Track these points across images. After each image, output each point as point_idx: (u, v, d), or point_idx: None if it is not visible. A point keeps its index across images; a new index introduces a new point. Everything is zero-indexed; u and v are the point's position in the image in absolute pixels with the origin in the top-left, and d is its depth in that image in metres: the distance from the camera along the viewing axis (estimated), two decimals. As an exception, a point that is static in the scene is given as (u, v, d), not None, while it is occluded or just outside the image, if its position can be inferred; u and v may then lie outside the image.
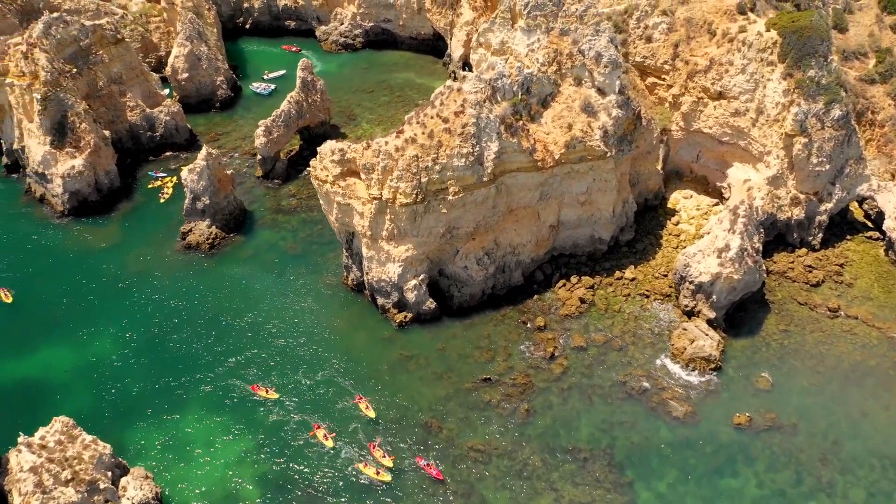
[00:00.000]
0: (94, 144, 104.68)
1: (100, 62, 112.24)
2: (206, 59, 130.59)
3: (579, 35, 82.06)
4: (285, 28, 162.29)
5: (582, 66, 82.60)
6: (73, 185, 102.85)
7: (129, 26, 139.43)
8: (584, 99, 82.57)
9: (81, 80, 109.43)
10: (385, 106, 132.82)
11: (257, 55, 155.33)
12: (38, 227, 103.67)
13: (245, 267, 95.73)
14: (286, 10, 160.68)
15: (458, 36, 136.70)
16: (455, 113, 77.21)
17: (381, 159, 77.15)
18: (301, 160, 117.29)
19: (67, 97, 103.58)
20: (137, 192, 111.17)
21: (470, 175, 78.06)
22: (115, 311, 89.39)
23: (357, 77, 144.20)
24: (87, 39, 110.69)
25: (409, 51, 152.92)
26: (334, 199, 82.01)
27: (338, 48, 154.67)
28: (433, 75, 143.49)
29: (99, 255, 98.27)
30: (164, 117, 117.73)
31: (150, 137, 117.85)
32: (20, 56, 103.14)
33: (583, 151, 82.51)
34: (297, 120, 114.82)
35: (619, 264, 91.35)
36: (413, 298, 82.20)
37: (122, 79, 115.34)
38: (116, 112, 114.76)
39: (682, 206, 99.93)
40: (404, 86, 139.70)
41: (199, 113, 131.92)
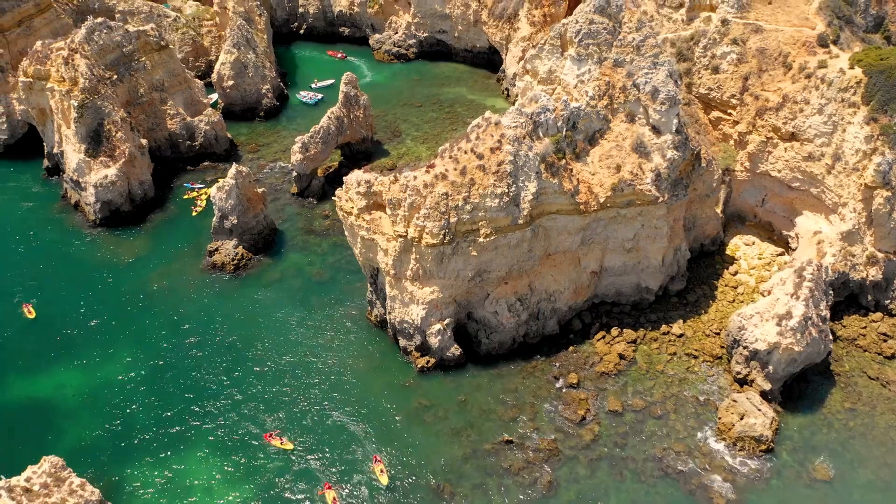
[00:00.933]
0: (129, 154, 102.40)
1: (142, 69, 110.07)
2: (252, 66, 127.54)
3: (635, 67, 74.45)
4: (339, 34, 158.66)
5: (636, 101, 75.00)
6: (106, 195, 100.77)
7: (180, 29, 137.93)
8: (636, 137, 74.96)
9: (122, 86, 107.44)
10: (432, 123, 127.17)
11: (308, 62, 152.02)
12: (69, 236, 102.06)
13: (268, 292, 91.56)
14: (341, 16, 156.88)
15: (514, 51, 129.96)
16: (491, 149, 70.81)
17: (408, 195, 71.44)
18: (339, 178, 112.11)
19: (105, 105, 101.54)
20: (171, 203, 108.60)
21: (504, 217, 71.57)
22: (132, 331, 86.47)
23: (407, 89, 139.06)
24: (130, 45, 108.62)
25: (463, 63, 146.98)
26: (358, 232, 76.78)
27: (390, 58, 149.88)
28: (486, 91, 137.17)
29: (124, 269, 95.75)
30: (204, 127, 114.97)
31: (189, 147, 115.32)
32: (61, 61, 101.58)
33: (631, 195, 74.95)
34: (337, 136, 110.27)
35: (667, 317, 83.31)
36: (436, 344, 76.27)
37: (165, 86, 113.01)
38: (156, 120, 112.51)
39: (743, 253, 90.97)
40: (455, 101, 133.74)
41: (244, 121, 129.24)
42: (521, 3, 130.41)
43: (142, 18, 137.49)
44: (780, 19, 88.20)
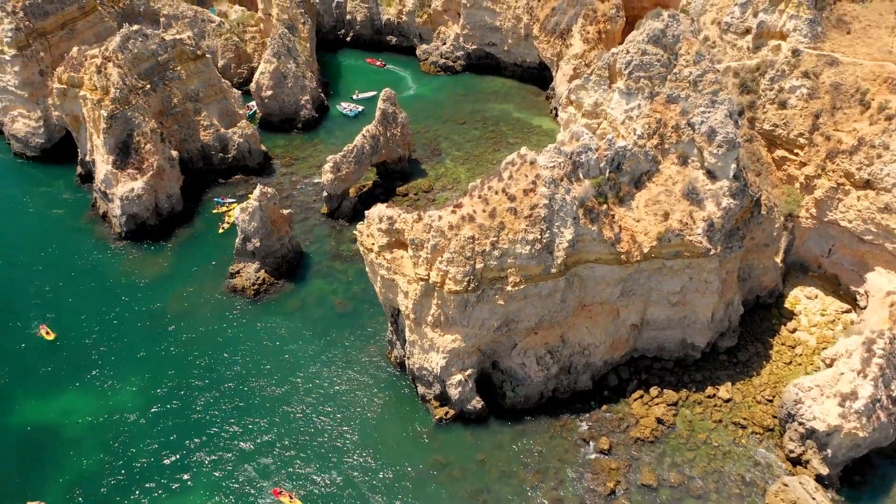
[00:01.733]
0: (158, 167, 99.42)
1: (177, 78, 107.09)
2: (292, 77, 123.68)
3: (690, 105, 67.02)
4: (386, 43, 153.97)
5: (690, 141, 67.57)
6: (131, 208, 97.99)
7: (223, 35, 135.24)
8: (688, 182, 67.56)
9: (155, 96, 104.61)
10: (475, 142, 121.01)
11: (352, 71, 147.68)
12: (94, 248, 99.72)
13: (287, 321, 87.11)
14: (389, 25, 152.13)
15: (565, 69, 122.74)
16: (524, 190, 64.48)
17: (431, 236, 65.69)
18: (373, 198, 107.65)
19: (135, 116, 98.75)
20: (199, 218, 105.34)
21: (535, 265, 65.17)
22: (145, 356, 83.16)
23: (451, 104, 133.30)
24: (165, 54, 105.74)
25: (511, 78, 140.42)
26: (378, 271, 71.44)
27: (436, 70, 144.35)
28: (533, 109, 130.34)
29: (145, 288, 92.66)
30: (238, 139, 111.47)
31: (222, 159, 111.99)
32: (94, 70, 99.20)
33: (680, 246, 67.59)
34: (372, 156, 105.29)
35: (714, 377, 75.58)
36: (457, 395, 70.40)
37: (199, 96, 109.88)
38: (189, 130, 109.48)
39: (804, 307, 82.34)
40: (500, 119, 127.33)
41: (281, 132, 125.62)
42: (575, 19, 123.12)
43: (186, 23, 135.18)
44: (858, 52, 79.28)
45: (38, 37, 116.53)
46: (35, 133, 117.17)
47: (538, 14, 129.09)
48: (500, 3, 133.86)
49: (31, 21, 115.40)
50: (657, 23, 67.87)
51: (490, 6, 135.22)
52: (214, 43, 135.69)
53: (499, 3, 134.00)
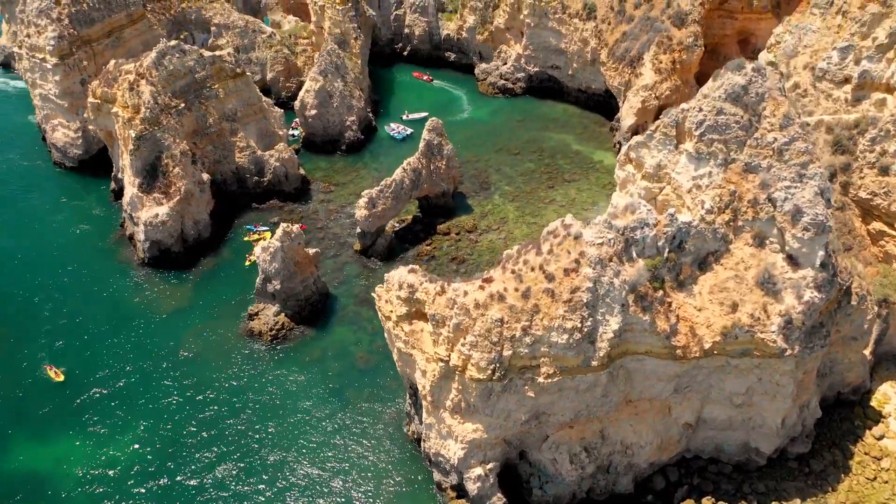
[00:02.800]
0: (186, 192, 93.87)
1: (214, 97, 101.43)
2: (338, 95, 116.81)
3: (773, 177, 56.22)
4: (444, 59, 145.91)
5: (769, 220, 56.79)
6: (155, 235, 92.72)
7: (274, 47, 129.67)
8: (763, 268, 56.78)
9: (190, 115, 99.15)
10: (528, 176, 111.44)
11: (406, 88, 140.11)
12: (115, 273, 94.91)
13: (304, 373, 79.93)
14: (448, 40, 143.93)
15: (633, 101, 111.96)
16: (565, 270, 55.04)
17: (455, 313, 57.00)
18: (411, 234, 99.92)
19: (165, 137, 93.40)
20: (228, 246, 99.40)
21: (573, 356, 55.71)
22: (149, 403, 77.30)
23: (506, 130, 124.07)
24: (203, 71, 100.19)
25: (574, 104, 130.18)
26: (396, 342, 63.17)
27: (494, 91, 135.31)
28: (595, 142, 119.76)
29: (160, 323, 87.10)
30: (274, 163, 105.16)
31: (257, 182, 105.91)
32: (127, 86, 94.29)
33: (749, 344, 56.94)
34: (412, 191, 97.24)
35: (780, 489, 64.41)
36: (475, 491, 61.57)
37: (237, 116, 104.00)
38: (224, 152, 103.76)
39: (895, 409, 70.03)
40: (557, 151, 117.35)
41: (324, 154, 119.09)
42: (647, 46, 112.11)
43: (236, 33, 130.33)
44: (984, 114, 66.53)
45: (83, 45, 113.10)
46: (73, 144, 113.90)
47: (607, 38, 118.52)
48: (566, 25, 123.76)
49: (77, 29, 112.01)
50: (738, 77, 57.22)
51: (556, 27, 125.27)
52: (264, 55, 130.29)
53: (565, 25, 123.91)
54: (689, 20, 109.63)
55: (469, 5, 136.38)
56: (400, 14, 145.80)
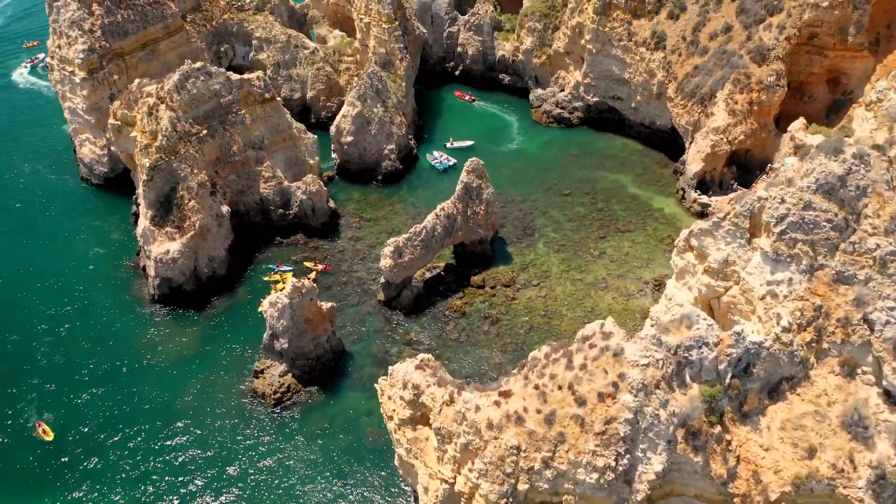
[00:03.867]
0: (201, 227, 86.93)
1: (240, 123, 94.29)
2: (377, 122, 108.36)
3: (872, 293, 44.70)
4: (498, 81, 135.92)
5: (863, 345, 45.29)
6: (165, 272, 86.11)
7: (316, 64, 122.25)
8: (852, 405, 45.33)
9: (212, 142, 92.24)
10: (577, 222, 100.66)
11: (454, 111, 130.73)
12: (123, 309, 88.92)
13: (306, 447, 71.70)
14: (502, 62, 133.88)
15: (701, 144, 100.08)
16: (600, 394, 44.85)
17: (463, 430, 47.45)
18: (442, 285, 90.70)
19: (181, 168, 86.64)
20: (245, 285, 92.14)
21: (604, 497, 45.48)
22: (136, 467, 70.48)
23: (557, 166, 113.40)
24: (229, 96, 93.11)
25: (635, 140, 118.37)
26: (397, 448, 54.05)
27: (549, 120, 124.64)
28: (656, 185, 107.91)
29: (161, 371, 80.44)
30: (301, 195, 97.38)
31: (282, 215, 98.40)
32: (146, 110, 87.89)
33: (828, 499, 45.51)
34: (445, 239, 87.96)
35: None
36: None
37: (264, 143, 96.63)
38: (248, 181, 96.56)
39: None
40: (613, 194, 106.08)
41: (359, 183, 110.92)
42: (721, 83, 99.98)
43: (278, 48, 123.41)
44: None
45: (115, 58, 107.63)
46: (99, 161, 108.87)
47: (676, 71, 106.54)
48: (631, 54, 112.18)
49: (109, 41, 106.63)
50: (834, 164, 45.79)
51: (620, 55, 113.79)
52: (305, 72, 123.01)
53: (630, 54, 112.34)
54: (771, 56, 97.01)
55: (527, 26, 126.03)
56: (453, 32, 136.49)
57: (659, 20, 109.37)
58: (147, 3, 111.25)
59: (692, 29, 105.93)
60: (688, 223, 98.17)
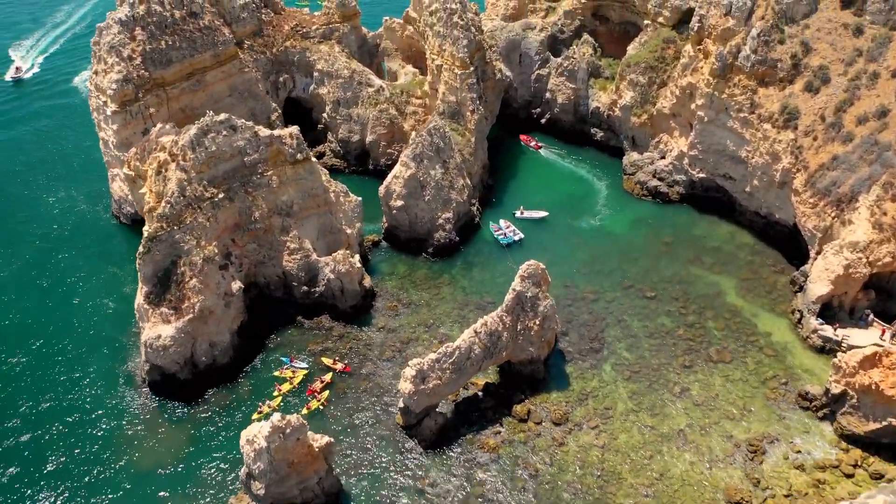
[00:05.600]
0: (201, 310, 74.03)
1: (265, 185, 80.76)
2: (434, 186, 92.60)
3: None
4: (588, 136, 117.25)
5: None
6: (155, 359, 73.82)
7: (380, 105, 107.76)
8: None
9: (230, 207, 79.11)
10: (659, 341, 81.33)
11: (533, 168, 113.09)
12: (111, 390, 77.43)
13: None
14: (595, 114, 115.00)
15: (831, 260, 78.75)
16: None
17: None
18: (477, 411, 73.76)
19: (186, 239, 73.89)
20: (251, 376, 78.77)
21: None
22: None
23: (645, 255, 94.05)
24: (255, 154, 79.60)
25: (746, 230, 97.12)
26: None
27: (643, 192, 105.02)
28: (766, 298, 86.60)
29: (132, 486, 67.92)
30: (329, 273, 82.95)
31: (307, 293, 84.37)
32: (156, 167, 75.70)
33: None
34: (484, 361, 71.06)
35: None
36: None
37: (292, 210, 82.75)
38: (270, 252, 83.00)
39: None
40: (708, 303, 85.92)
41: (405, 253, 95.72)
42: (868, 185, 78.22)
43: (339, 84, 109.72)
44: None
45: (155, 88, 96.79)
46: (126, 200, 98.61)
47: (808, 159, 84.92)
48: (752, 129, 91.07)
49: (150, 70, 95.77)
50: None
51: (738, 129, 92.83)
52: (367, 112, 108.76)
53: (751, 128, 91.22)
54: (940, 159, 74.31)
55: (628, 78, 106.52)
56: (543, 75, 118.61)
57: (792, 92, 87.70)
58: (197, 29, 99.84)
59: (835, 108, 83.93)
60: (803, 359, 77.86)
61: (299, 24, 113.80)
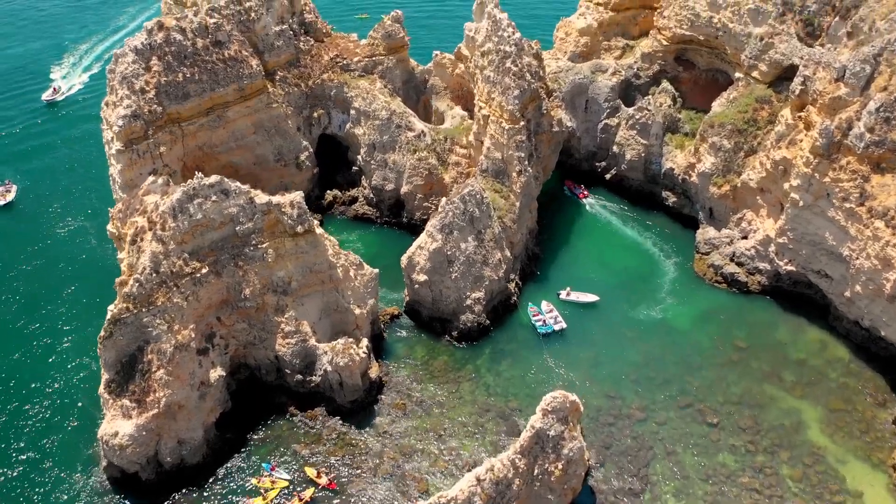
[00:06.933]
0: (167, 405, 63.44)
1: (259, 259, 69.42)
2: (463, 262, 79.42)
3: None
4: (659, 200, 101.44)
5: None
6: (112, 457, 63.74)
7: (418, 153, 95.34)
8: None
9: (217, 283, 68.20)
10: (717, 486, 65.72)
11: (589, 235, 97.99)
12: (69, 485, 67.70)
13: None
14: (669, 176, 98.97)
15: (952, 413, 60.77)
16: None
17: None
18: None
19: (155, 323, 63.38)
20: (223, 481, 67.65)
21: None
22: None
23: (711, 363, 78.18)
24: (248, 223, 68.32)
25: (842, 342, 79.72)
26: None
27: (717, 277, 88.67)
28: (859, 440, 69.48)
29: None
30: (326, 364, 71.06)
31: (302, 382, 72.75)
32: (133, 233, 65.59)
33: None
34: (487, 511, 57.32)
35: None
36: None
37: (290, 287, 71.16)
38: (262, 333, 71.75)
39: None
40: (784, 439, 69.76)
41: (427, 332, 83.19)
42: None
43: (376, 126, 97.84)
44: None
45: (168, 123, 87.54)
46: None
47: (931, 275, 66.93)
48: (859, 224, 73.55)
49: (164, 104, 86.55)
50: None
51: (840, 221, 75.41)
52: (403, 160, 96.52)
53: (857, 223, 73.72)
54: None
55: (711, 141, 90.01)
56: (611, 125, 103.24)
57: (916, 185, 69.87)
58: (221, 60, 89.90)
59: (973, 213, 65.80)
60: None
61: (340, 55, 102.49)
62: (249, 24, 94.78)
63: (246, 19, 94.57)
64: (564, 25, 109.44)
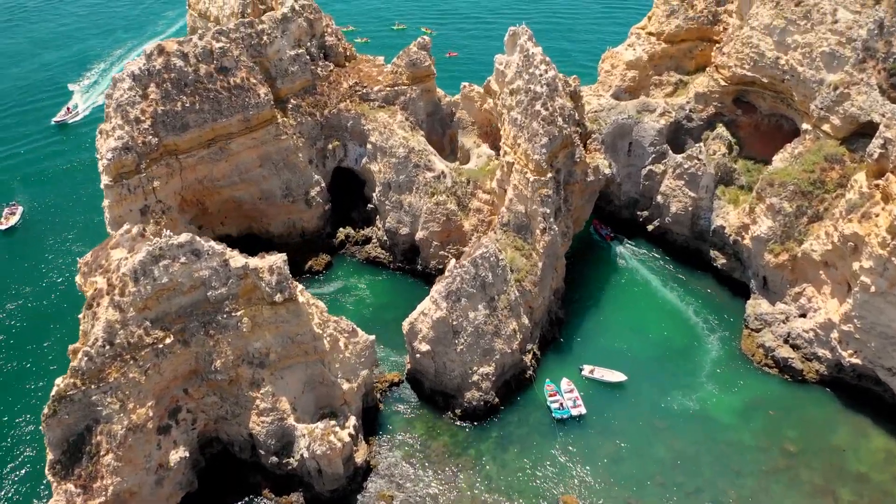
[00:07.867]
0: (115, 493, 56.00)
1: (233, 328, 61.32)
2: (471, 334, 70.01)
3: None
4: (706, 260, 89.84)
5: None
6: (53, 547, 56.68)
7: (436, 196, 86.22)
8: None
9: (184, 353, 60.41)
10: None
11: (624, 300, 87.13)
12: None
13: None
14: (718, 234, 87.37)
15: None
16: None
17: None
18: None
19: (106, 402, 55.94)
20: (181, 572, 60.36)
21: None
22: None
23: (754, 468, 67.19)
24: (222, 289, 60.27)
25: (912, 453, 67.27)
26: None
27: (767, 361, 77.08)
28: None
29: None
30: (303, 449, 62.60)
31: (277, 464, 64.54)
32: (92, 295, 58.36)
33: None
34: None
35: None
36: None
37: (267, 359, 62.91)
38: (235, 408, 63.78)
39: None
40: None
41: (428, 407, 74.34)
42: None
43: (392, 164, 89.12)
44: None
45: (165, 155, 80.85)
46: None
47: None
48: (944, 325, 61.03)
49: (160, 135, 79.83)
50: None
51: (920, 316, 63.05)
52: (420, 203, 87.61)
53: (942, 323, 61.21)
54: None
55: (769, 201, 78.09)
56: (656, 172, 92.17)
57: None
58: (225, 88, 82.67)
59: None
60: None
61: (360, 83, 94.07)
62: (261, 49, 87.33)
63: (257, 43, 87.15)
64: (611, 57, 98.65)
